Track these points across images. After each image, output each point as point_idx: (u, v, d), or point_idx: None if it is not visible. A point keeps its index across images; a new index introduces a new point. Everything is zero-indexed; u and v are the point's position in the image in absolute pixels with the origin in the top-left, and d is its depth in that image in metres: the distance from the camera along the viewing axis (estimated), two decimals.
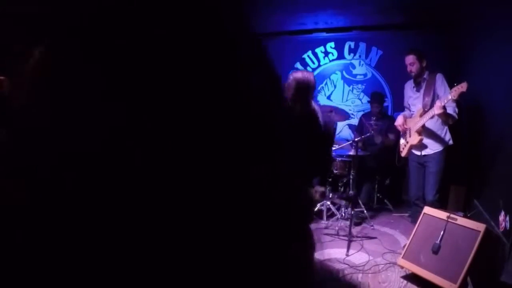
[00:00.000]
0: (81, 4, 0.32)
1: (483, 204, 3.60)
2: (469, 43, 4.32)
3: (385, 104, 5.37)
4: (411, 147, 3.68)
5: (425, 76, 3.55)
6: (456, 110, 3.34)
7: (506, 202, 2.89)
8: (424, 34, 4.89)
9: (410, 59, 3.56)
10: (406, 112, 3.85)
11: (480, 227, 2.60)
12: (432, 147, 3.57)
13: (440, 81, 3.45)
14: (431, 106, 3.40)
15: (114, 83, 0.32)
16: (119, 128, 0.31)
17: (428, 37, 4.82)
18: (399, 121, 3.78)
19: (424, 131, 3.55)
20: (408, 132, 3.72)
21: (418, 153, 3.66)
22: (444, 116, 3.32)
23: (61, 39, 0.31)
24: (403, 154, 3.83)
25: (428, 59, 3.58)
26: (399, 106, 5.28)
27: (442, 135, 3.54)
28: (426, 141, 3.57)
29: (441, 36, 4.70)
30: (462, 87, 3.04)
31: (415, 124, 3.59)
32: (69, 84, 0.31)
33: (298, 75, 2.74)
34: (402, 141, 3.87)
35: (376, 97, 4.80)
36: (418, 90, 3.63)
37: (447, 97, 3.18)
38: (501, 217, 2.89)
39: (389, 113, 5.30)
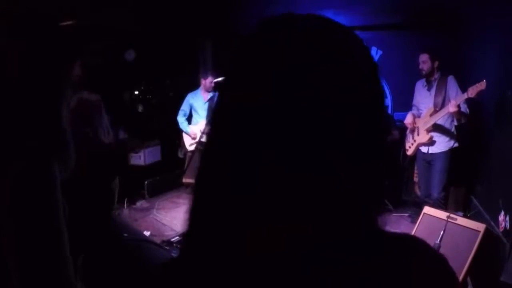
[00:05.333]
0: None
1: (483, 204, 3.60)
2: (469, 42, 4.32)
3: (385, 104, 5.37)
4: (419, 145, 3.75)
5: (436, 76, 3.64)
6: (467, 109, 3.44)
7: (506, 202, 2.89)
8: (424, 34, 4.89)
9: (423, 57, 3.63)
10: (414, 111, 3.90)
11: (480, 227, 2.60)
12: (439, 146, 3.64)
13: (452, 83, 3.55)
14: (442, 106, 3.50)
15: None
16: None
17: (428, 37, 4.82)
18: (408, 119, 3.85)
19: (434, 129, 3.62)
20: (416, 130, 3.79)
21: (425, 150, 3.72)
22: (458, 114, 3.39)
23: None
24: (409, 152, 3.91)
25: (441, 60, 3.67)
26: (399, 105, 5.29)
27: (450, 136, 3.63)
28: (434, 139, 3.65)
29: (441, 36, 4.70)
30: (481, 85, 3.11)
31: (425, 122, 3.67)
32: None
33: None
34: (408, 139, 3.93)
35: None
36: (429, 90, 3.70)
37: (463, 95, 3.27)
38: (501, 217, 2.89)
39: (389, 112, 5.29)
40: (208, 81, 4.54)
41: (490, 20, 3.71)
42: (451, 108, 3.31)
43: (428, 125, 3.63)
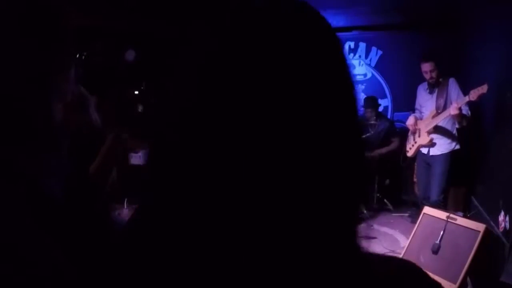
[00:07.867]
0: None
1: (483, 204, 3.60)
2: (469, 43, 4.32)
3: (385, 104, 5.36)
4: (420, 147, 3.77)
5: (440, 79, 3.64)
6: (469, 112, 3.45)
7: (506, 202, 2.89)
8: (424, 34, 4.89)
9: (429, 66, 3.57)
10: (417, 114, 3.93)
11: (480, 227, 2.60)
12: (440, 149, 3.64)
13: (453, 85, 3.56)
14: (444, 108, 3.51)
15: None
16: None
17: (428, 37, 4.82)
18: (410, 121, 3.87)
19: (435, 132, 3.63)
20: (417, 132, 3.81)
21: (425, 151, 3.72)
22: (459, 117, 3.39)
23: None
24: (410, 154, 3.92)
25: (442, 63, 3.68)
26: (399, 106, 5.29)
27: (451, 138, 3.63)
28: (435, 141, 3.66)
29: (441, 36, 4.70)
30: (483, 89, 3.12)
31: (427, 125, 3.68)
32: None
33: None
34: (410, 141, 3.94)
35: (368, 102, 4.71)
36: (431, 93, 3.71)
37: (465, 98, 3.27)
38: (501, 217, 2.89)
39: (389, 113, 5.28)
40: None
41: (490, 21, 3.71)
42: (453, 110, 3.31)
43: (429, 127, 3.63)
